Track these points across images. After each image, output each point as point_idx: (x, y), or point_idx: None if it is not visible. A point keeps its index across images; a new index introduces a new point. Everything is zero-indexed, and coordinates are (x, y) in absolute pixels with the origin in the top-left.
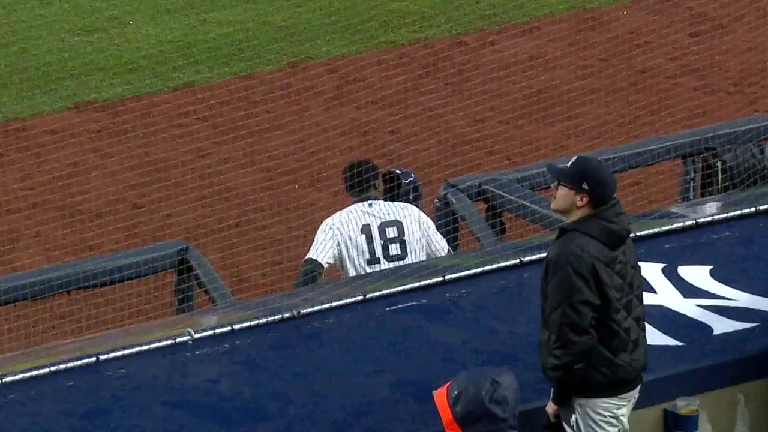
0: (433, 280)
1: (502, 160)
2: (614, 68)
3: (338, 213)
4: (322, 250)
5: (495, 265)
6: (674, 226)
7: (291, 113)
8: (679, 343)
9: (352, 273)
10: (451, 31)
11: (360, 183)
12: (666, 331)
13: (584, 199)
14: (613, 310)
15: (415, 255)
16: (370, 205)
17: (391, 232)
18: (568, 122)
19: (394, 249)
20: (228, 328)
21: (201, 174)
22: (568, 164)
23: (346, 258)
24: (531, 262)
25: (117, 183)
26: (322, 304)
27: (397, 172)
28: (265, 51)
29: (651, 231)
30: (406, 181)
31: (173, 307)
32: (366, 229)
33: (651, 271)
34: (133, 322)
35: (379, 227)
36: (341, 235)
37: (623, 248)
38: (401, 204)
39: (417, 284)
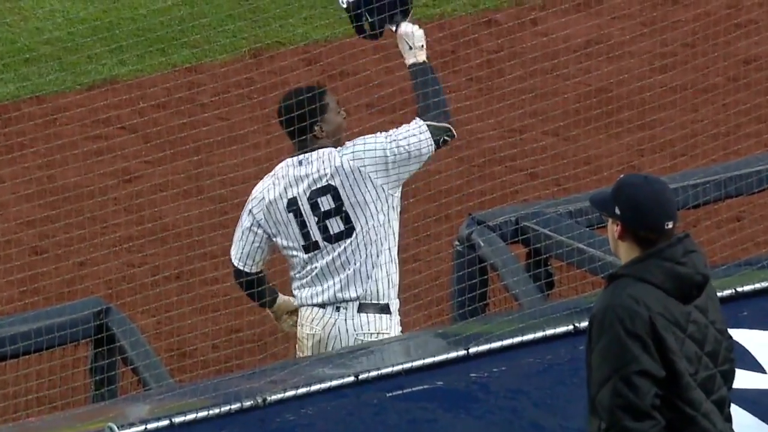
0: (452, 355)
1: (548, 186)
2: (705, 57)
3: (262, 181)
4: (245, 254)
5: (539, 334)
6: None
7: (253, 120)
8: None
9: (296, 268)
10: (477, 5)
11: (291, 125)
12: None
13: (618, 227)
14: (684, 388)
15: (366, 223)
16: (300, 162)
17: (326, 203)
18: (641, 133)
19: (335, 226)
20: (165, 422)
21: (127, 205)
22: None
23: (282, 249)
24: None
25: (9, 219)
26: (296, 387)
27: None
28: (216, 34)
29: (757, 286)
30: None
31: (88, 392)
32: (293, 206)
33: (756, 342)
34: (32, 414)
35: (309, 199)
36: (266, 221)
37: (701, 302)
38: (329, 151)
39: (430, 360)
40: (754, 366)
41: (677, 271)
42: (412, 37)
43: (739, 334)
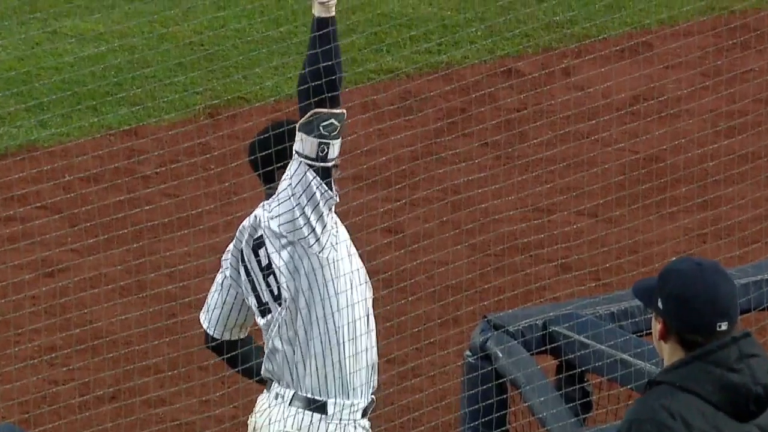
0: None
1: (583, 281)
2: None
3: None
4: (218, 320)
5: None
6: None
7: (209, 197)
8: None
9: (265, 337)
10: (494, 51)
11: (256, 166)
12: None
13: (660, 325)
14: None
15: (293, 291)
16: (263, 206)
17: (263, 256)
18: (702, 213)
19: (273, 283)
20: None
21: (48, 306)
22: None
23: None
24: None
25: None
26: None
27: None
28: (163, 87)
29: None
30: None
31: None
32: (243, 260)
33: None
34: None
35: (253, 251)
36: (238, 276)
37: (764, 420)
38: (268, 201)
39: None
40: None
41: (729, 379)
42: None
43: None
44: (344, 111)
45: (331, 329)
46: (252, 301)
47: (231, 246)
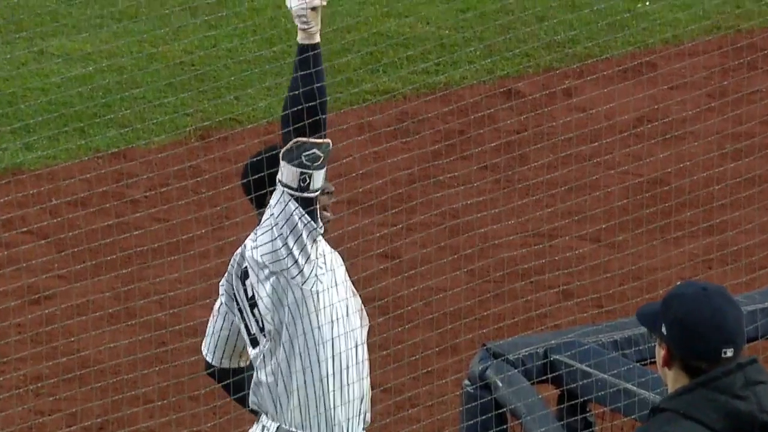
0: None
1: (586, 307)
2: None
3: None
4: (216, 347)
5: None
6: None
7: (200, 222)
8: None
9: (255, 367)
10: (493, 71)
11: (248, 190)
12: None
13: (664, 351)
14: None
15: (276, 323)
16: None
17: (249, 285)
18: (708, 238)
19: (258, 314)
20: None
21: (34, 334)
22: None
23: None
24: None
25: None
26: None
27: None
28: (152, 109)
29: None
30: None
31: None
32: (231, 289)
33: None
34: None
35: (241, 281)
36: (232, 303)
37: None
38: (255, 229)
39: None
40: None
41: (734, 407)
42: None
43: None
44: (328, 141)
45: (314, 362)
46: (243, 331)
47: (227, 272)
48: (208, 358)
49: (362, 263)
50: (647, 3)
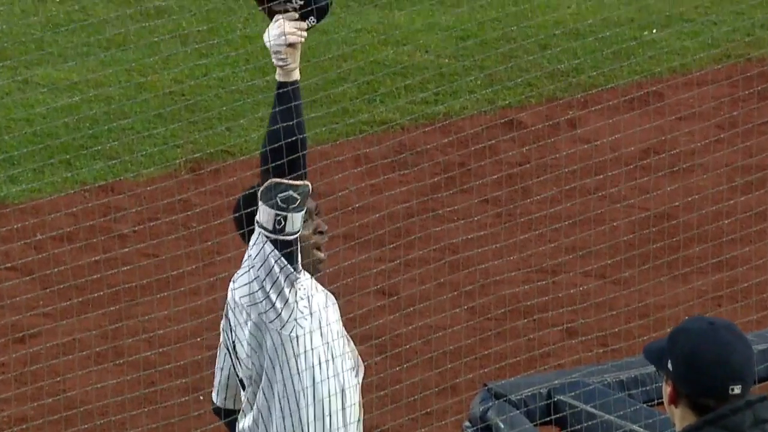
0: None
1: (591, 346)
2: None
3: None
4: (219, 385)
5: None
6: None
7: (190, 257)
8: None
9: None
10: (494, 101)
11: (240, 224)
12: None
13: (670, 388)
14: None
15: (257, 363)
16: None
17: (230, 329)
18: (718, 274)
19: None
20: None
21: (18, 374)
22: None
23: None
24: None
25: None
26: None
27: None
28: (141, 140)
29: None
30: None
31: None
32: (223, 327)
33: None
34: None
35: (229, 322)
36: (226, 343)
37: None
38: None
39: None
40: None
41: None
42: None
43: None
44: (306, 183)
45: (293, 409)
46: (233, 373)
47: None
48: (213, 397)
49: (359, 300)
50: (654, 31)
